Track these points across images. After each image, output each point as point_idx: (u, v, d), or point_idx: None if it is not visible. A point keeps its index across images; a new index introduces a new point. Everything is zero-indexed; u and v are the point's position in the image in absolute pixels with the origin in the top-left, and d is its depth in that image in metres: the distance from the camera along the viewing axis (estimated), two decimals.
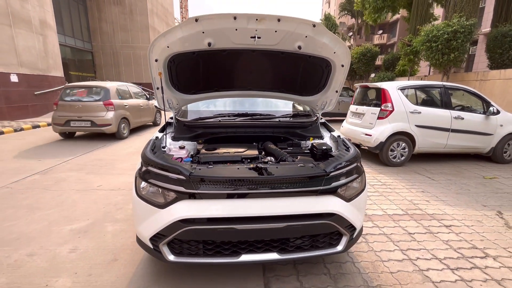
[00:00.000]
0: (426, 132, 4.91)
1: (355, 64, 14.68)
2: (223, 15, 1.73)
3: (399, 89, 4.97)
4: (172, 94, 2.34)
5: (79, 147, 6.06)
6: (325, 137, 2.52)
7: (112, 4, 23.26)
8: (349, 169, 1.79)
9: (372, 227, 2.75)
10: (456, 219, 2.97)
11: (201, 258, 1.68)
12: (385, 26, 32.22)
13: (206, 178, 1.58)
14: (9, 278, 1.95)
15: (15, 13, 10.17)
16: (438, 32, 8.31)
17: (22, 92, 10.53)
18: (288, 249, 1.74)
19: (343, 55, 2.07)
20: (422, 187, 3.96)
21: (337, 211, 1.68)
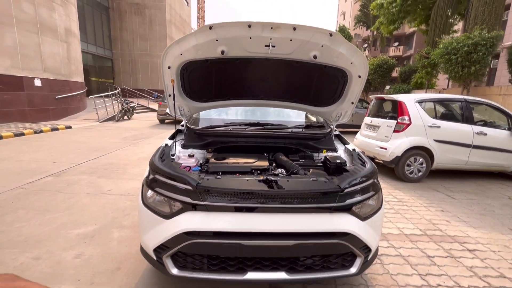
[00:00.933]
0: (445, 148, 4.69)
1: (370, 76, 14.46)
2: (238, 23, 1.70)
3: (417, 101, 4.80)
4: (183, 102, 2.33)
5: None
6: (339, 150, 2.42)
7: (134, 14, 24.29)
8: (365, 185, 1.68)
9: (387, 247, 2.59)
10: (480, 243, 2.75)
11: (205, 274, 1.60)
12: (401, 38, 31.84)
13: (214, 189, 1.51)
14: None
15: (43, 22, 10.74)
16: (457, 45, 8.08)
17: (44, 96, 10.99)
18: (297, 268, 1.63)
19: (361, 66, 1.99)
20: (441, 205, 3.73)
21: (351, 231, 1.56)
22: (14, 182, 3.96)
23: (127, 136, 8.60)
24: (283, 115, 3.09)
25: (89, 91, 16.25)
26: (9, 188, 3.71)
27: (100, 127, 10.41)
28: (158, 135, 9.05)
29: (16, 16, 9.58)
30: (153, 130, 10.29)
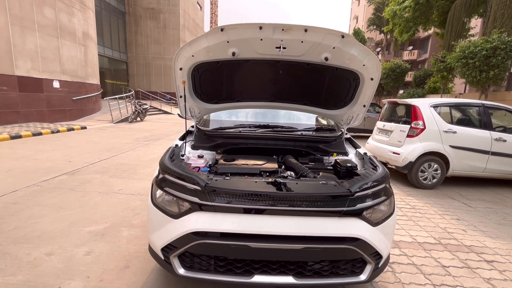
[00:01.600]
0: (462, 154, 4.52)
1: (383, 80, 14.23)
2: (249, 25, 1.71)
3: (432, 106, 4.67)
4: (194, 103, 2.35)
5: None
6: (350, 154, 2.37)
7: (149, 19, 24.93)
8: (377, 190, 1.63)
9: (399, 255, 2.50)
10: (499, 254, 2.62)
11: (212, 275, 1.59)
12: (416, 42, 31.23)
13: (222, 190, 1.51)
14: (26, 277, 1.99)
15: (63, 27, 11.18)
16: (475, 49, 7.83)
17: (62, 97, 11.39)
18: (305, 273, 1.60)
19: (373, 68, 1.95)
20: (457, 214, 3.59)
21: (362, 236, 1.52)
22: (30, 179, 4.10)
23: (139, 137, 8.77)
24: (293, 118, 3.06)
25: (104, 93, 16.71)
26: (25, 186, 3.84)
27: (114, 128, 10.67)
28: (170, 137, 9.19)
29: (38, 21, 10.01)
30: (165, 131, 10.45)
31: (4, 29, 8.89)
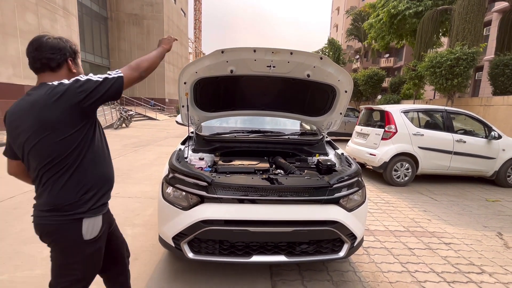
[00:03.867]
0: (429, 154, 5.09)
1: (362, 86, 15.09)
2: (245, 48, 2.06)
3: (402, 112, 5.22)
4: (194, 112, 2.66)
5: None
6: (330, 154, 2.76)
7: (132, 24, 24.80)
8: (351, 182, 2.01)
9: (374, 241, 2.91)
10: (456, 238, 3.10)
11: (217, 257, 1.89)
12: (392, 50, 33.03)
13: (225, 184, 1.83)
14: (44, 271, 2.18)
15: (46, 33, 11.04)
16: (441, 59, 8.66)
17: None
18: (294, 252, 1.94)
19: (346, 83, 2.36)
20: (424, 206, 4.09)
21: (339, 219, 1.89)
22: (25, 186, 4.13)
23: (127, 143, 8.84)
24: (281, 124, 3.44)
25: None
26: (22, 192, 3.94)
27: None
28: (157, 142, 9.31)
29: (20, 27, 9.87)
30: (152, 137, 10.54)
31: None
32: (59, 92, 1.04)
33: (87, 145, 1.15)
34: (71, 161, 1.11)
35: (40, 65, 1.12)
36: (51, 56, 1.12)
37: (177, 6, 29.90)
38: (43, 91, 1.06)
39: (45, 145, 1.06)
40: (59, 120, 1.05)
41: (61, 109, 1.04)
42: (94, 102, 1.09)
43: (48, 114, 1.04)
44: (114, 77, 1.13)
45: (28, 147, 1.08)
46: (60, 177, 1.11)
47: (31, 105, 1.06)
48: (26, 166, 1.16)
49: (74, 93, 1.05)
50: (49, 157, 1.08)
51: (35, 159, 1.09)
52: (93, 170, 1.19)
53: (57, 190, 1.10)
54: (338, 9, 41.37)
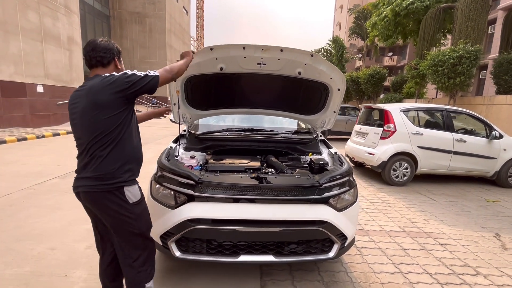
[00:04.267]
0: (428, 154, 5.03)
1: (363, 85, 14.98)
2: (234, 46, 2.03)
3: (402, 111, 5.16)
4: (186, 110, 2.63)
5: None
6: (324, 153, 2.73)
7: (134, 23, 24.84)
8: (341, 182, 1.98)
9: (368, 241, 2.87)
10: (452, 239, 3.05)
11: (204, 256, 1.87)
12: (395, 48, 32.79)
13: (213, 183, 1.81)
14: (33, 268, 2.19)
15: (47, 31, 11.10)
16: (444, 57, 8.55)
17: (46, 102, 11.26)
18: (283, 252, 1.91)
19: (339, 81, 2.32)
20: (422, 206, 4.04)
21: (328, 219, 1.85)
22: (23, 183, 4.20)
23: None
24: (275, 122, 3.41)
25: None
26: (19, 189, 3.96)
27: None
28: (157, 141, 9.33)
29: (21, 25, 9.92)
30: (152, 135, 10.56)
31: None
32: (110, 80, 1.32)
33: (126, 126, 1.41)
34: (113, 137, 1.35)
35: (95, 62, 1.42)
36: (104, 55, 1.42)
37: (179, 5, 29.88)
38: (98, 79, 1.34)
39: (94, 121, 1.32)
40: (108, 101, 1.31)
41: (110, 93, 1.31)
42: (135, 91, 1.36)
43: (100, 96, 1.30)
44: (153, 75, 1.40)
45: (80, 123, 1.35)
46: (104, 150, 1.34)
47: (88, 89, 1.34)
48: (76, 141, 1.41)
49: (122, 82, 1.32)
50: (97, 132, 1.32)
51: (84, 134, 1.35)
52: (128, 147, 1.43)
53: (100, 161, 1.34)
54: (341, 7, 41.07)
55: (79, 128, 1.37)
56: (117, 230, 1.44)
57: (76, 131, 1.40)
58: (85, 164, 1.36)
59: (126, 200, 1.40)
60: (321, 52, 30.88)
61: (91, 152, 1.34)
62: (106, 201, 1.37)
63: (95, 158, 1.33)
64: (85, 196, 1.38)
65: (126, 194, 1.41)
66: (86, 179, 1.36)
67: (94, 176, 1.34)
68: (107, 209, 1.38)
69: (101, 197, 1.36)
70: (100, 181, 1.35)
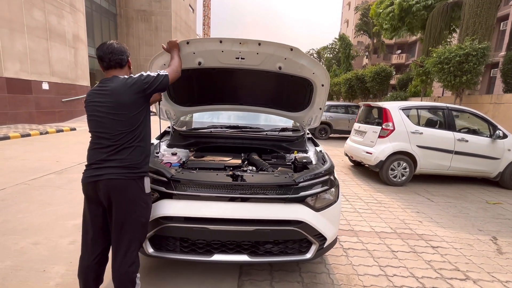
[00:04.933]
0: (428, 153, 4.89)
1: (368, 83, 14.71)
2: (211, 39, 1.98)
3: (401, 109, 5.02)
4: (170, 106, 2.60)
5: None
6: (310, 152, 2.66)
7: (140, 21, 25.01)
8: (320, 180, 1.92)
9: (355, 243, 2.80)
10: (445, 241, 2.95)
11: (177, 255, 1.84)
12: (404, 46, 32.14)
13: (185, 181, 1.77)
14: (14, 262, 2.20)
15: (52, 29, 11.27)
16: (450, 55, 8.29)
17: (51, 99, 11.45)
18: (258, 252, 1.86)
19: (322, 76, 2.24)
20: (418, 207, 3.93)
21: (304, 219, 1.80)
22: (18, 178, 4.27)
23: None
24: (267, 119, 3.35)
25: None
26: (13, 184, 4.02)
27: None
28: None
29: (27, 23, 10.09)
30: (156, 133, 10.60)
31: None
32: (131, 82, 1.51)
33: (146, 122, 1.60)
34: (139, 132, 1.53)
35: (114, 63, 1.57)
36: (122, 57, 1.59)
37: (185, 2, 29.93)
38: (119, 81, 1.51)
39: (122, 119, 1.47)
40: (131, 101, 1.49)
41: (133, 94, 1.50)
42: (152, 90, 1.56)
43: (125, 97, 1.48)
44: (163, 74, 1.61)
45: (107, 120, 1.47)
46: (132, 143, 1.50)
47: (111, 90, 1.48)
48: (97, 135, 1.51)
49: (141, 83, 1.53)
50: (125, 127, 1.48)
51: (112, 130, 1.47)
52: (148, 141, 1.63)
53: (129, 153, 1.49)
54: (349, 4, 40.45)
55: (104, 124, 1.48)
56: (127, 219, 1.51)
57: (99, 126, 1.50)
58: (111, 155, 1.46)
59: (144, 190, 1.55)
60: (327, 50, 30.52)
61: (119, 145, 1.47)
62: (130, 188, 1.49)
63: (123, 150, 1.47)
64: (109, 183, 1.45)
65: (145, 184, 1.56)
66: (112, 168, 1.46)
67: (122, 165, 1.47)
68: (127, 196, 1.48)
69: (126, 184, 1.48)
70: (128, 170, 1.48)
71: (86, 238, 1.59)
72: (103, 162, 1.47)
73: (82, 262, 1.59)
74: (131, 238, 1.53)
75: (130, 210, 1.50)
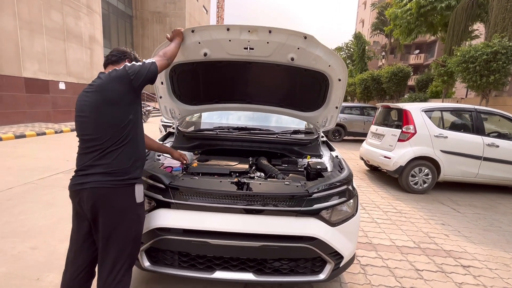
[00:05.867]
0: (453, 159, 4.50)
1: (385, 84, 14.16)
2: (217, 26, 1.80)
3: (423, 111, 4.66)
4: (174, 104, 2.43)
5: None
6: (325, 156, 2.42)
7: (155, 22, 25.41)
8: (336, 191, 1.68)
9: (374, 258, 2.53)
10: (477, 260, 2.62)
11: (175, 270, 1.66)
12: (423, 45, 30.95)
13: (184, 188, 1.58)
14: (9, 269, 2.09)
15: (69, 30, 11.53)
16: (475, 53, 7.76)
17: (67, 99, 11.70)
18: (265, 270, 1.65)
19: (339, 69, 2.00)
20: (443, 219, 3.58)
21: (318, 235, 1.57)
22: (27, 177, 4.25)
23: None
24: (275, 121, 3.13)
25: None
26: (22, 183, 3.99)
27: None
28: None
29: (45, 24, 10.35)
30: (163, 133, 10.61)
31: (13, 33, 9.22)
32: (114, 75, 1.32)
33: (137, 121, 1.40)
34: (126, 133, 1.33)
35: (111, 61, 1.47)
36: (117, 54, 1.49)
37: (199, 4, 30.18)
38: (104, 76, 1.34)
39: (106, 117, 1.30)
40: (116, 97, 1.31)
41: (117, 88, 1.31)
42: (141, 82, 1.35)
43: (109, 92, 1.30)
44: (149, 62, 1.41)
45: (92, 120, 1.30)
46: (118, 146, 1.31)
47: (96, 87, 1.32)
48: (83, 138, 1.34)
49: (125, 74, 1.32)
50: (110, 128, 1.30)
51: (97, 131, 1.30)
52: (139, 144, 1.43)
53: (115, 157, 1.30)
54: (365, 3, 39.50)
55: (90, 125, 1.32)
56: (113, 233, 1.32)
57: (84, 128, 1.34)
58: (95, 160, 1.30)
59: (134, 199, 1.36)
60: (342, 51, 29.85)
61: (104, 148, 1.30)
62: (116, 197, 1.31)
63: (108, 154, 1.30)
64: (93, 192, 1.28)
65: (136, 192, 1.37)
66: (97, 175, 1.29)
67: (107, 172, 1.29)
68: (114, 207, 1.31)
69: (111, 193, 1.30)
70: (114, 177, 1.30)
71: (71, 250, 1.42)
72: (88, 168, 1.31)
73: (65, 278, 1.42)
74: (117, 255, 1.33)
75: (117, 223, 1.32)
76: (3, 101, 9.10)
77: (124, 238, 1.34)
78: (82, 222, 1.37)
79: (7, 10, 8.92)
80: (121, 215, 1.33)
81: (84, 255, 1.40)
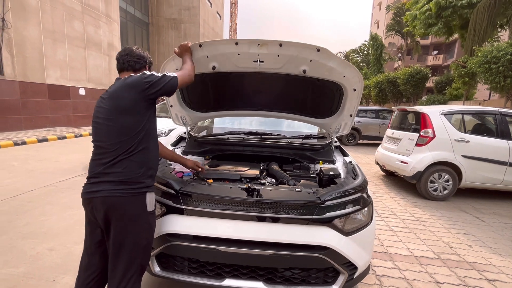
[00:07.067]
0: (475, 164, 4.28)
1: (401, 86, 13.77)
2: (225, 41, 1.79)
3: (443, 114, 4.47)
4: (185, 112, 2.45)
5: None
6: (338, 162, 2.35)
7: (170, 29, 26.09)
8: (350, 199, 1.62)
9: (391, 268, 2.42)
10: (504, 273, 2.45)
11: (185, 276, 1.65)
12: (441, 46, 29.93)
13: (194, 194, 1.58)
14: (27, 269, 2.16)
15: (90, 38, 12.03)
16: (499, 53, 7.40)
17: (87, 104, 12.17)
18: (275, 279, 1.61)
19: (354, 79, 1.94)
20: (465, 228, 3.39)
21: (331, 245, 1.51)
22: (48, 180, 4.43)
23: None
24: (287, 126, 3.09)
25: None
26: (42, 185, 4.16)
27: None
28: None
29: (67, 33, 10.86)
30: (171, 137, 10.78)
31: (37, 42, 9.73)
32: (130, 81, 1.32)
33: (150, 130, 1.39)
34: (139, 141, 1.33)
35: (127, 65, 1.46)
36: (137, 60, 1.47)
37: (213, 10, 30.72)
38: (119, 83, 1.35)
39: (119, 125, 1.30)
40: (130, 103, 1.30)
41: (131, 95, 1.30)
42: (155, 92, 1.34)
43: (122, 100, 1.30)
44: (171, 76, 1.41)
45: (105, 127, 1.32)
46: (130, 154, 1.31)
47: (111, 93, 1.34)
48: (97, 144, 1.36)
49: (141, 82, 1.32)
50: (122, 135, 1.30)
51: (109, 138, 1.31)
52: (152, 151, 1.42)
53: (126, 165, 1.30)
54: (380, 4, 38.81)
55: (102, 132, 1.33)
56: (125, 240, 1.32)
57: (98, 134, 1.36)
58: (107, 168, 1.30)
59: (145, 208, 1.36)
60: (357, 53, 29.39)
61: (116, 156, 1.30)
62: (127, 206, 1.30)
63: (120, 162, 1.29)
64: (105, 201, 1.28)
65: (147, 201, 1.36)
66: (108, 183, 1.29)
67: (119, 180, 1.29)
68: (125, 215, 1.30)
69: (123, 202, 1.29)
70: (126, 185, 1.30)
71: (84, 256, 1.44)
72: (100, 176, 1.31)
73: (78, 283, 1.44)
74: (128, 262, 1.33)
75: (129, 231, 1.32)
76: (28, 107, 9.59)
77: (135, 246, 1.34)
78: (94, 229, 1.39)
79: (32, 21, 9.44)
80: (133, 223, 1.32)
81: (97, 262, 1.41)
